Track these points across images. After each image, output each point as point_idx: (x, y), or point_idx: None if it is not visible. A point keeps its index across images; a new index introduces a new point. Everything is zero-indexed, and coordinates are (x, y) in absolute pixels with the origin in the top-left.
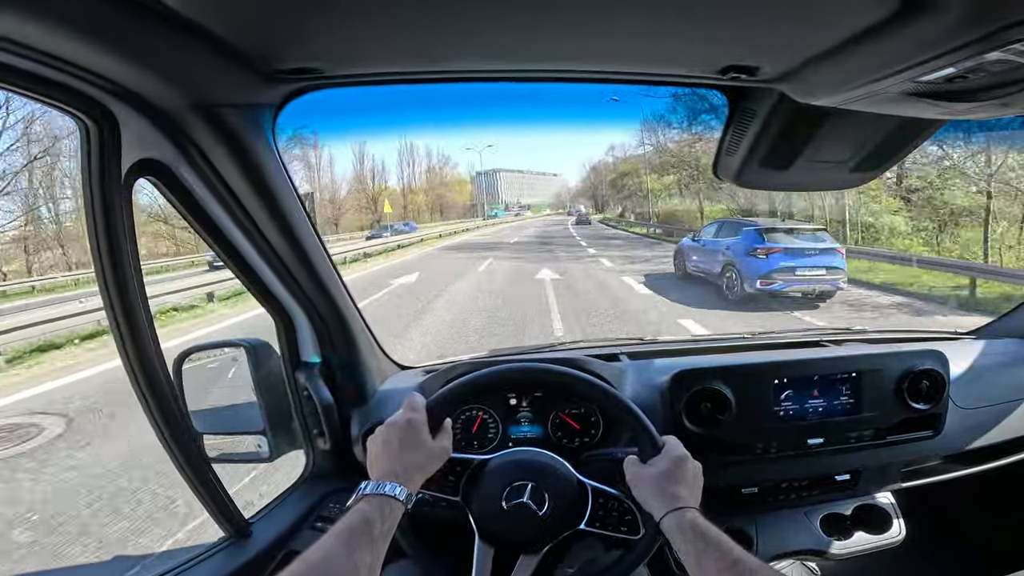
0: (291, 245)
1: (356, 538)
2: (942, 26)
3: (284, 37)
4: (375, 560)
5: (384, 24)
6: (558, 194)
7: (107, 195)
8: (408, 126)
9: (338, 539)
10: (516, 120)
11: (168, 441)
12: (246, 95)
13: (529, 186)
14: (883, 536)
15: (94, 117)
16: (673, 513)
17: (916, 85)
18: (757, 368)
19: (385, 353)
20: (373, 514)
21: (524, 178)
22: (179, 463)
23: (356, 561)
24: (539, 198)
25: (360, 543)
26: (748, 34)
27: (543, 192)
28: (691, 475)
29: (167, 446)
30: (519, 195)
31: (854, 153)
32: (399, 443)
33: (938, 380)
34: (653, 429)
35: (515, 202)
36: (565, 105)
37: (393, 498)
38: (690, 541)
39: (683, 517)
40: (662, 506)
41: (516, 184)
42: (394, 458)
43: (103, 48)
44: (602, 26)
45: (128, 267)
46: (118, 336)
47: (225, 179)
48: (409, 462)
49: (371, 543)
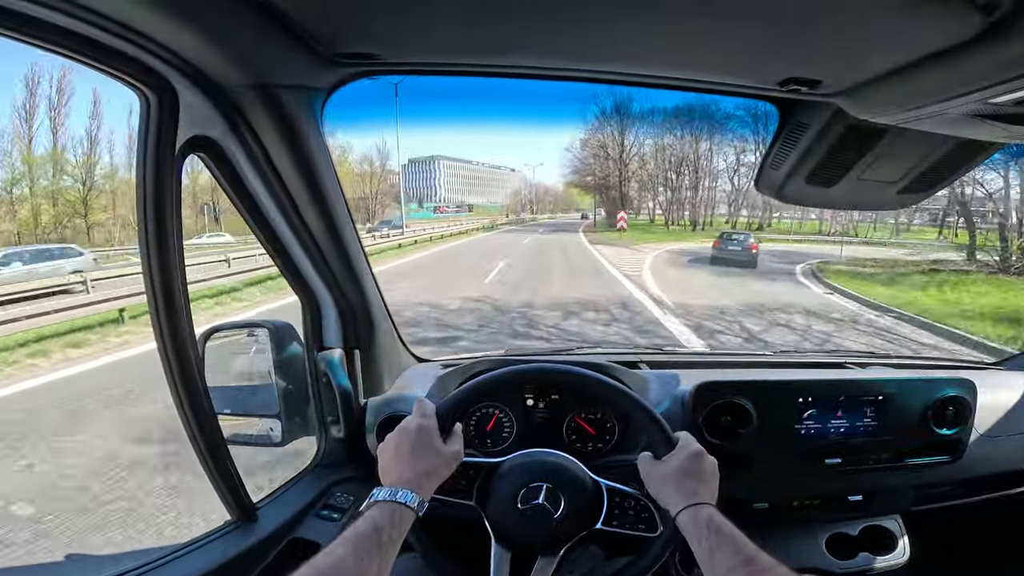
0: (328, 230)
1: (365, 545)
2: (1022, 48)
3: (349, 20)
4: (383, 568)
5: (441, 13)
6: (517, 191)
7: (160, 168)
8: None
9: (347, 546)
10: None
11: (188, 418)
12: (303, 76)
13: (480, 181)
14: (887, 558)
15: (156, 90)
16: (689, 508)
17: (984, 107)
18: (783, 385)
19: (405, 345)
20: (383, 522)
21: (473, 171)
22: (195, 441)
23: (364, 569)
24: (492, 197)
25: (369, 551)
26: (815, 47)
27: (497, 190)
28: (707, 470)
29: (186, 423)
30: (465, 191)
31: (906, 173)
32: (410, 449)
33: (965, 408)
34: (666, 425)
35: (449, 200)
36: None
37: (404, 505)
38: (705, 537)
39: (699, 513)
40: (678, 502)
41: (462, 178)
42: (405, 465)
43: (171, 20)
44: (662, 29)
45: (172, 240)
46: (153, 308)
47: (273, 160)
48: (420, 468)
49: (380, 551)
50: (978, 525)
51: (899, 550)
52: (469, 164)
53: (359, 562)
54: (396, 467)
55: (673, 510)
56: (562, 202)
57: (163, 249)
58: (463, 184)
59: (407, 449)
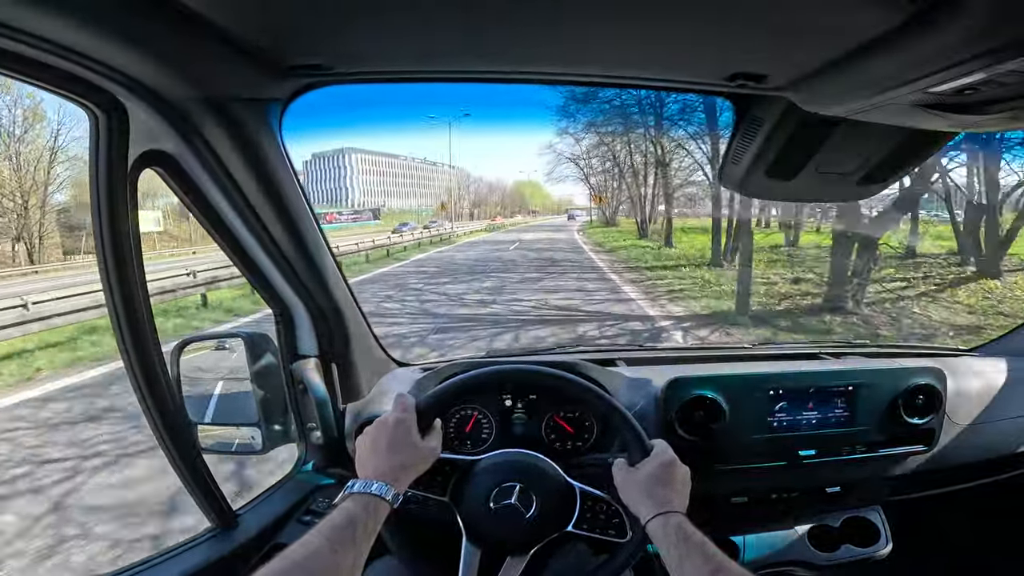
0: (293, 238)
1: (339, 536)
2: (955, 36)
3: (295, 33)
4: (357, 559)
5: (393, 23)
6: (450, 190)
7: (113, 184)
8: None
9: (321, 537)
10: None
11: (160, 430)
12: (255, 89)
13: (408, 180)
14: (870, 549)
15: (104, 107)
16: (659, 517)
17: (926, 96)
18: (752, 378)
19: (383, 349)
20: (358, 513)
21: (400, 167)
22: (169, 452)
23: (339, 560)
24: (422, 199)
25: (343, 542)
26: (757, 41)
27: (429, 189)
28: (679, 479)
29: (158, 435)
30: (389, 192)
31: (861, 165)
32: (387, 443)
33: (934, 396)
34: (642, 432)
35: (364, 204)
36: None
37: (379, 497)
38: (674, 545)
39: (668, 521)
40: (648, 509)
41: (384, 175)
42: (382, 458)
43: (114, 39)
44: (609, 30)
45: (130, 255)
46: (116, 323)
47: (231, 172)
48: (397, 462)
49: (354, 542)
50: (959, 514)
51: (881, 541)
52: (395, 159)
53: (333, 553)
54: (372, 460)
55: (643, 518)
56: (512, 202)
57: (121, 263)
58: (387, 182)
59: (384, 443)
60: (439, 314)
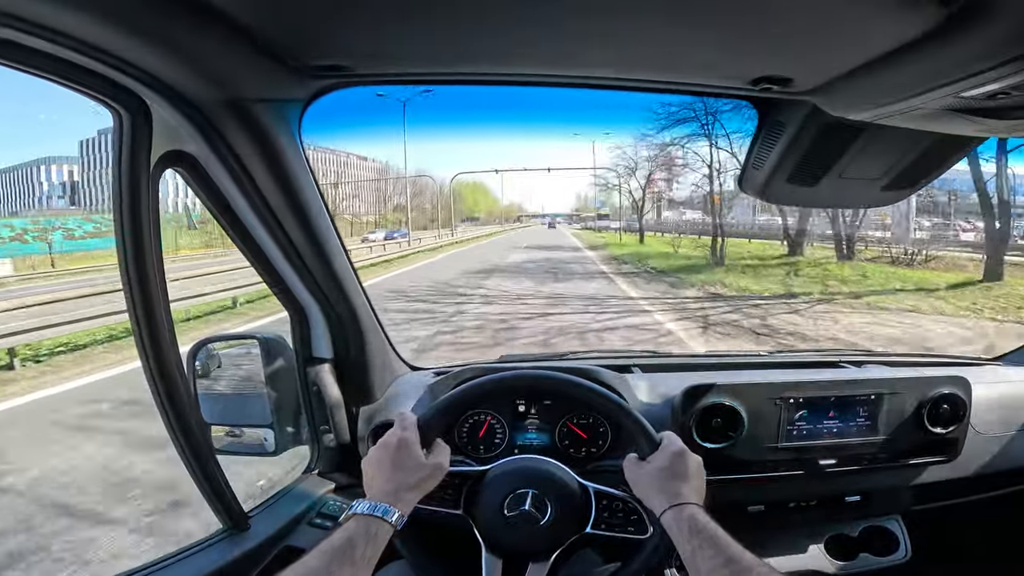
0: (310, 241)
1: (338, 559)
2: (988, 40)
3: (321, 33)
4: None
5: (420, 23)
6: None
7: (135, 184)
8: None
9: (321, 559)
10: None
11: (175, 430)
12: (277, 90)
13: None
14: (888, 558)
15: (128, 107)
16: (672, 509)
17: (957, 101)
18: (772, 387)
19: (397, 353)
20: (359, 536)
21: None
22: (183, 452)
23: None
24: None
25: (342, 563)
26: (783, 44)
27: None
28: (692, 470)
29: (173, 434)
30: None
31: (888, 170)
32: (391, 463)
33: (959, 405)
34: (647, 425)
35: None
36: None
37: (381, 519)
38: (686, 538)
39: (681, 513)
40: (661, 502)
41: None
42: (386, 478)
43: (141, 40)
44: (634, 33)
45: (150, 255)
46: (134, 320)
47: (251, 173)
48: (401, 483)
49: (352, 565)
50: (981, 524)
51: (900, 551)
52: (351, 156)
53: (330, 574)
54: (377, 481)
55: (657, 511)
56: (448, 207)
57: (141, 263)
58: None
59: (388, 463)
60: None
